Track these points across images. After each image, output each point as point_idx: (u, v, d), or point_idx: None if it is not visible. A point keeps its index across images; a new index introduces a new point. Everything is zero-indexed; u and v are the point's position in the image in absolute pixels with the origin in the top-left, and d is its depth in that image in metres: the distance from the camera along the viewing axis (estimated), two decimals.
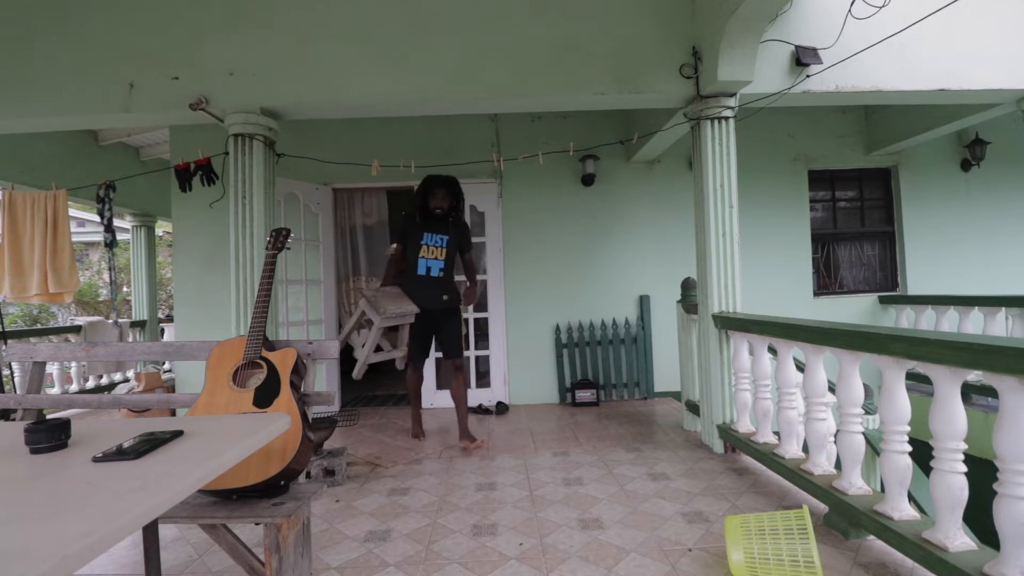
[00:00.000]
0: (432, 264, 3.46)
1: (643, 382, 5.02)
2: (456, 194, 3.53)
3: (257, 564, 1.64)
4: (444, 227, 3.52)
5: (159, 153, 6.28)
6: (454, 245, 3.54)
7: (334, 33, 3.35)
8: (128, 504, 0.72)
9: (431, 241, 3.47)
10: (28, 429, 0.97)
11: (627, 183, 5.20)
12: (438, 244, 3.48)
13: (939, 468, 1.69)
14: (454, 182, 3.53)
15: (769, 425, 2.89)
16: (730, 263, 3.35)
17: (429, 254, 3.46)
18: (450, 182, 3.50)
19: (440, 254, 3.48)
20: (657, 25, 3.41)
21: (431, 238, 3.47)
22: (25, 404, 1.93)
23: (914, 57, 3.56)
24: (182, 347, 2.00)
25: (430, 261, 3.46)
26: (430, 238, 3.47)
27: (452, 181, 3.52)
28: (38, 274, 4.39)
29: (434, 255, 3.46)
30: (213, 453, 0.95)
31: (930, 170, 5.50)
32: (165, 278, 10.46)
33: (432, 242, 3.47)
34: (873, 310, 5.47)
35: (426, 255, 3.45)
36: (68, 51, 3.32)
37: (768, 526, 1.92)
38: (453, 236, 3.53)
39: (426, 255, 3.45)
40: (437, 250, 3.47)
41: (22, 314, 10.17)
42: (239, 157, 3.34)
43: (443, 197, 3.47)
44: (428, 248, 3.46)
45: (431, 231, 3.48)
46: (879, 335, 1.92)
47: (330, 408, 4.10)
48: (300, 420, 1.65)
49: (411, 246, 3.49)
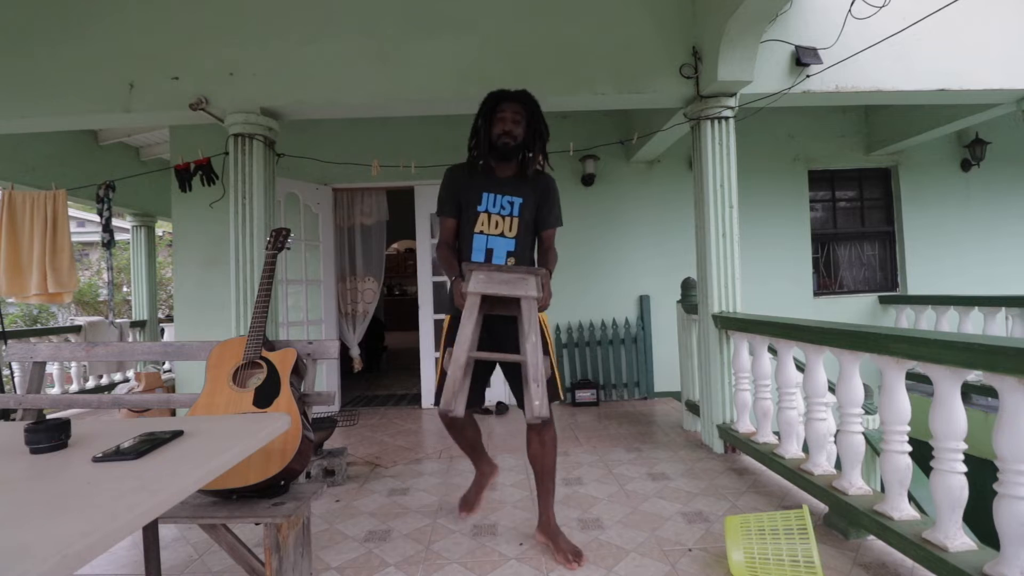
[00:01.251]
0: (496, 244, 2.12)
1: (643, 382, 5.02)
2: (535, 118, 2.15)
3: (257, 564, 1.64)
4: (516, 183, 2.16)
5: (159, 153, 6.28)
6: (530, 212, 2.16)
7: (334, 33, 3.35)
8: (128, 504, 0.72)
9: (493, 206, 2.12)
10: (28, 429, 0.97)
11: (627, 183, 5.20)
12: (505, 211, 2.12)
13: (939, 468, 1.69)
14: (532, 99, 2.16)
15: (769, 425, 2.89)
16: (730, 263, 3.35)
17: (491, 227, 2.12)
18: (526, 98, 2.15)
19: (509, 228, 2.12)
20: (657, 25, 3.41)
21: (493, 201, 2.13)
22: (25, 404, 1.93)
23: (914, 57, 3.56)
24: (182, 347, 2.00)
25: (493, 239, 2.12)
26: (491, 201, 2.12)
27: (528, 97, 2.16)
28: (37, 274, 4.39)
29: (498, 229, 2.12)
30: (213, 453, 0.95)
31: (930, 170, 5.50)
32: (165, 278, 10.46)
33: (495, 207, 2.12)
34: (873, 310, 5.47)
35: (486, 229, 2.12)
36: (68, 51, 3.32)
37: (768, 526, 1.92)
38: (530, 198, 2.15)
39: (486, 229, 2.12)
40: (503, 221, 2.12)
41: (22, 314, 10.16)
42: (239, 157, 3.34)
43: (515, 118, 2.10)
44: (489, 218, 2.12)
45: (493, 190, 2.14)
46: (879, 335, 1.92)
47: (330, 408, 4.10)
48: (300, 420, 1.65)
49: (464, 217, 2.17)
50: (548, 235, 2.23)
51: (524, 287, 1.89)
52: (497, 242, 2.12)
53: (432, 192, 4.57)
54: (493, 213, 2.13)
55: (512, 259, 2.11)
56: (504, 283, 1.88)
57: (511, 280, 1.89)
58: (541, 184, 2.20)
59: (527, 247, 2.18)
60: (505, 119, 2.10)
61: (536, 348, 1.82)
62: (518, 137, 2.10)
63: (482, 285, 1.87)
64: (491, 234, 2.12)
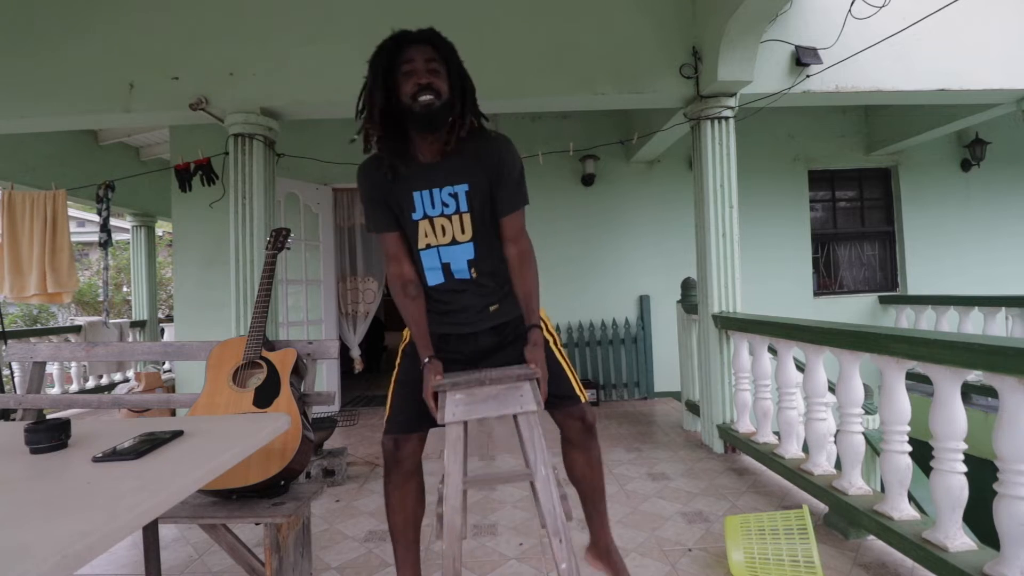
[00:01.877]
0: (451, 255, 1.54)
1: (643, 382, 5.02)
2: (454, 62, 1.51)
3: (257, 564, 1.64)
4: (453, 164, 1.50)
5: (159, 153, 6.28)
6: (482, 197, 1.51)
7: (334, 33, 3.35)
8: (128, 504, 0.72)
9: (432, 207, 1.51)
10: (28, 429, 0.97)
11: (627, 183, 5.20)
12: (449, 209, 1.51)
13: (939, 468, 1.69)
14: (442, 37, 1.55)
15: (769, 425, 2.89)
16: (730, 263, 3.35)
17: (438, 236, 1.52)
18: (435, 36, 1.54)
19: (460, 229, 1.52)
20: (657, 25, 3.41)
21: (429, 200, 1.50)
22: (25, 404, 1.93)
23: (914, 57, 3.56)
24: (182, 347, 2.00)
25: (446, 251, 1.53)
26: (426, 201, 1.50)
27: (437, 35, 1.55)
28: (37, 274, 4.39)
29: (447, 236, 1.52)
30: (213, 453, 0.95)
31: (930, 170, 5.50)
32: (165, 278, 10.46)
33: (435, 209, 1.51)
34: (873, 310, 5.47)
35: (432, 240, 1.53)
36: (68, 51, 3.32)
37: (768, 526, 1.92)
38: (478, 177, 1.50)
39: (432, 240, 1.53)
40: (450, 223, 1.51)
41: (22, 314, 10.16)
42: (239, 157, 3.34)
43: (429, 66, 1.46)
44: (431, 224, 1.52)
45: (423, 184, 1.50)
46: (879, 335, 1.92)
47: (330, 408, 4.10)
48: (300, 420, 1.65)
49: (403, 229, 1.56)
50: (512, 223, 1.53)
51: (518, 400, 1.39)
52: (452, 252, 1.52)
53: None
54: (435, 216, 1.50)
55: (474, 270, 1.53)
56: (491, 399, 1.40)
57: (499, 394, 1.40)
58: (489, 151, 1.49)
59: (493, 247, 1.55)
60: (417, 69, 1.43)
61: (548, 483, 1.37)
62: (442, 92, 1.41)
63: (462, 410, 1.39)
64: (441, 244, 1.53)
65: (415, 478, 1.58)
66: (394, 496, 1.56)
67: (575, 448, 1.66)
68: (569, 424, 1.61)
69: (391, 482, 1.55)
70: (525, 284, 1.55)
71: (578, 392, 1.61)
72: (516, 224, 1.55)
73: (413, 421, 1.53)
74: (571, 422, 1.60)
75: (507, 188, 1.51)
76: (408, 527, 1.59)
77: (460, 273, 1.55)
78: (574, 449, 1.66)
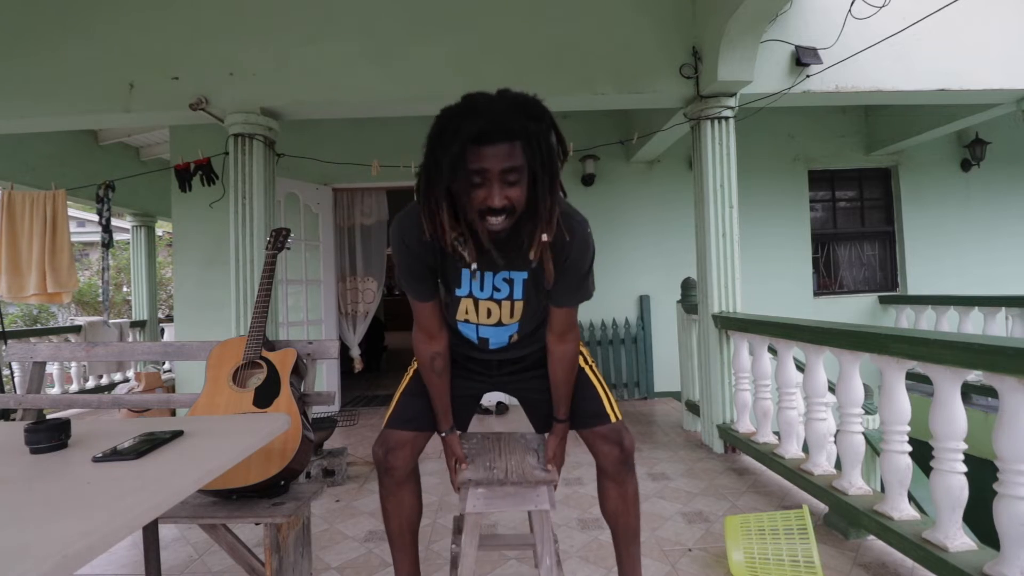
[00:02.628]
0: (491, 333, 1.43)
1: (643, 382, 5.02)
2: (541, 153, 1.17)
3: (257, 564, 1.64)
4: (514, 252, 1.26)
5: (159, 153, 6.28)
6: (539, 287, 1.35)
7: (334, 33, 3.35)
8: (128, 504, 0.72)
9: (481, 290, 1.36)
10: (28, 429, 0.97)
11: (627, 183, 5.20)
12: (501, 294, 1.36)
13: (939, 468, 1.69)
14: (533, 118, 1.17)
15: (769, 425, 2.89)
16: (730, 263, 3.35)
17: (480, 316, 1.40)
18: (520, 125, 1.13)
19: (509, 313, 1.39)
20: (657, 25, 3.41)
21: (479, 283, 1.35)
22: (25, 404, 1.93)
23: (914, 57, 3.56)
24: (182, 347, 2.00)
25: (486, 329, 1.42)
26: (476, 284, 1.35)
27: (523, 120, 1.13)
28: (36, 274, 4.39)
29: (492, 318, 1.40)
30: (213, 453, 0.95)
31: (930, 170, 5.50)
32: (165, 278, 10.46)
33: (484, 291, 1.36)
34: (873, 310, 5.47)
35: (473, 318, 1.41)
36: (68, 51, 3.32)
37: (768, 526, 1.92)
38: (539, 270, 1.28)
39: (473, 318, 1.41)
40: (498, 307, 1.38)
41: (22, 314, 10.16)
42: (239, 157, 3.34)
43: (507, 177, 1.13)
44: (475, 304, 1.38)
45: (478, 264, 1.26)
46: (879, 335, 1.92)
47: (330, 408, 4.10)
48: (300, 420, 1.65)
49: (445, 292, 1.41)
50: (563, 317, 1.39)
51: (534, 499, 1.43)
52: (493, 331, 1.42)
53: None
54: (482, 299, 1.36)
55: (512, 337, 1.45)
56: (510, 496, 1.45)
57: (518, 492, 1.45)
58: (561, 244, 1.26)
59: (538, 324, 1.45)
60: (489, 179, 1.11)
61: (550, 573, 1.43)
62: (518, 207, 1.16)
63: (483, 503, 1.45)
64: (481, 324, 1.41)
65: (408, 484, 1.51)
66: (389, 503, 1.51)
67: (609, 479, 1.49)
68: (604, 451, 1.45)
69: (384, 489, 1.50)
70: (557, 375, 1.44)
71: (609, 410, 1.47)
72: (567, 319, 1.40)
73: (419, 419, 1.49)
74: (606, 448, 1.45)
75: (569, 282, 1.32)
76: (404, 532, 1.54)
77: (497, 344, 1.47)
78: (608, 480, 1.50)
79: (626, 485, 1.49)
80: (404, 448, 1.47)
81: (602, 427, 1.45)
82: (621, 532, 1.54)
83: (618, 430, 1.45)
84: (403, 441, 1.47)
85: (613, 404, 1.50)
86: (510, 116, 1.10)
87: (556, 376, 1.45)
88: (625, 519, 1.52)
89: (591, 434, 1.47)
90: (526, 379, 1.55)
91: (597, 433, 1.45)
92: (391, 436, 1.48)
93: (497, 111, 1.10)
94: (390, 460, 1.46)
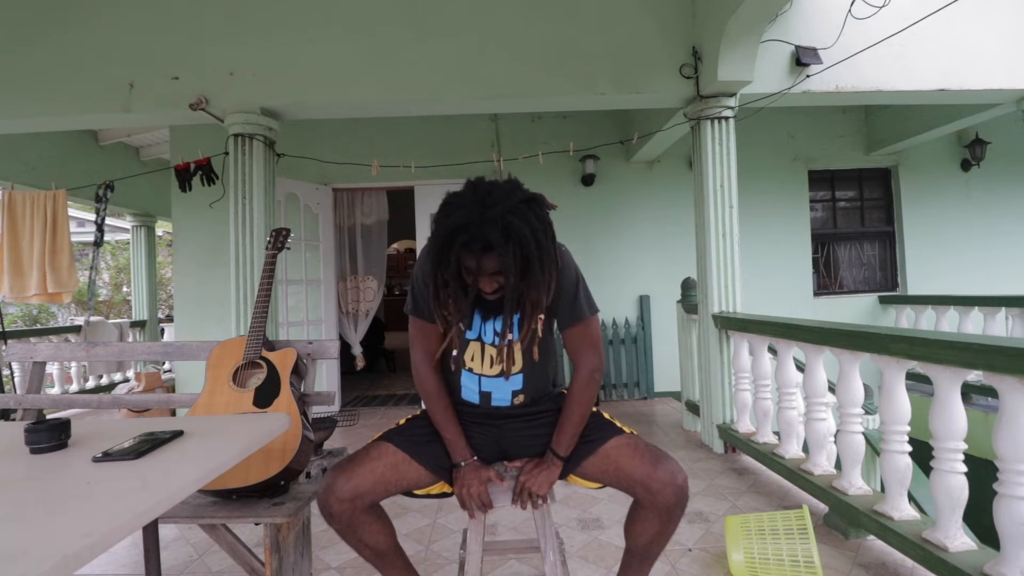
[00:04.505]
0: (494, 386, 1.43)
1: (643, 382, 5.02)
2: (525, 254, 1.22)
3: (257, 564, 1.64)
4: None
5: (159, 153, 6.29)
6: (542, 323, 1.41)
7: (334, 33, 3.36)
8: (128, 504, 0.72)
9: (488, 335, 1.41)
10: (28, 429, 0.97)
11: (627, 183, 5.20)
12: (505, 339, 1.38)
13: (939, 468, 1.69)
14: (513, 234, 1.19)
15: (769, 425, 2.89)
16: (730, 263, 3.35)
17: (484, 365, 1.43)
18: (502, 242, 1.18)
19: (512, 358, 1.41)
20: (657, 25, 3.41)
21: (488, 325, 1.41)
22: (25, 404, 1.93)
23: (914, 57, 3.56)
24: (182, 347, 2.00)
25: (488, 381, 1.43)
26: (487, 325, 1.41)
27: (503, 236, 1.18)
28: (37, 274, 4.39)
29: (494, 369, 1.42)
30: (213, 453, 0.95)
31: (930, 170, 5.50)
32: (165, 278, 10.46)
33: (490, 336, 1.41)
34: (873, 310, 5.47)
35: (476, 367, 1.43)
36: (68, 51, 3.32)
37: (768, 526, 1.92)
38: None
39: (476, 367, 1.43)
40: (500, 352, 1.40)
41: (22, 314, 10.16)
42: (239, 157, 3.34)
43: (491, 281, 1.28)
44: (482, 350, 1.42)
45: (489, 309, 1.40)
46: (879, 335, 1.92)
47: (330, 408, 4.10)
48: (300, 420, 1.65)
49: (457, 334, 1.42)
50: (572, 337, 1.42)
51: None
52: (496, 384, 1.41)
53: (432, 192, 4.61)
54: (488, 344, 1.40)
55: (516, 399, 1.43)
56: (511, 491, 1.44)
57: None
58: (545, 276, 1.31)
59: (545, 376, 1.47)
60: (479, 274, 1.26)
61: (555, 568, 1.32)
62: (511, 282, 1.24)
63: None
64: (487, 374, 1.41)
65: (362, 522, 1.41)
66: (350, 541, 1.43)
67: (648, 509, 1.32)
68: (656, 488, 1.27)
69: (339, 532, 1.41)
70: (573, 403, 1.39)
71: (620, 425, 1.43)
72: (576, 337, 1.41)
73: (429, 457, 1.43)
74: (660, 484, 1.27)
75: (563, 302, 1.39)
76: (383, 554, 1.47)
77: (500, 401, 1.43)
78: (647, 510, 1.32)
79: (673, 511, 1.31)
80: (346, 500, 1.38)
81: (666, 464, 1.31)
82: (640, 552, 1.43)
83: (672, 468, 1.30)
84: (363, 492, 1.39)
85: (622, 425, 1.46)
86: (493, 229, 1.17)
87: (572, 400, 1.39)
88: (650, 549, 1.41)
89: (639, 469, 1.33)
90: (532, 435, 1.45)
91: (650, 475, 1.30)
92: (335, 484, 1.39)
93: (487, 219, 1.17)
94: (332, 508, 1.38)
